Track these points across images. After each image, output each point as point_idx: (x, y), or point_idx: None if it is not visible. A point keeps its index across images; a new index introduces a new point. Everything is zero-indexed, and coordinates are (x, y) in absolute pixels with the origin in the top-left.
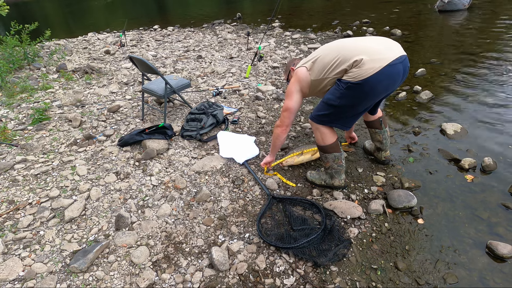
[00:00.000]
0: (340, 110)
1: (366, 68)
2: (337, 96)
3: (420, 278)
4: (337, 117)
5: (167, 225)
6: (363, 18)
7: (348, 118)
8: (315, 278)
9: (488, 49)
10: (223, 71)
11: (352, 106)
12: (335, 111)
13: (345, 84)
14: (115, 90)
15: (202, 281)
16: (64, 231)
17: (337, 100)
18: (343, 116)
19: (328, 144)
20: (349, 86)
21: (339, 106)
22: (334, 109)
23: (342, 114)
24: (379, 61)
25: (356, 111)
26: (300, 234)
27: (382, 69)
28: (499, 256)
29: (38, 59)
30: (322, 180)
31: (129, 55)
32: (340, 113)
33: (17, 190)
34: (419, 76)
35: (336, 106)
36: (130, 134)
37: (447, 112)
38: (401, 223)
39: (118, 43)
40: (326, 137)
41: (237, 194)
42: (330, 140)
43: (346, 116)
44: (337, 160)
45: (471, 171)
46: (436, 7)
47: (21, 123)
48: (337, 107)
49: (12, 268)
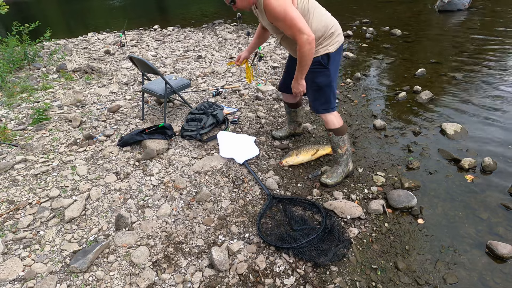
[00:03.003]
0: (333, 84)
1: (340, 38)
2: (327, 74)
3: (420, 278)
4: (334, 94)
5: (167, 225)
6: (363, 18)
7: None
8: (315, 278)
9: (488, 49)
10: (223, 71)
11: (335, 75)
12: (332, 88)
13: (326, 57)
14: (115, 90)
15: (202, 281)
16: (64, 231)
17: (330, 77)
18: (334, 90)
19: (342, 125)
20: (329, 56)
21: (332, 81)
22: (331, 88)
23: (334, 88)
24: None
25: (335, 80)
26: (300, 234)
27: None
28: (499, 256)
29: (38, 59)
30: (342, 174)
31: (129, 55)
32: (333, 87)
33: (17, 190)
34: (419, 76)
35: (330, 84)
36: (130, 134)
37: (447, 112)
38: (401, 223)
39: (118, 43)
40: (338, 119)
41: (237, 194)
42: (341, 120)
43: (335, 88)
44: (348, 141)
45: (471, 171)
46: (436, 7)
47: (21, 123)
48: (331, 83)
49: (12, 268)
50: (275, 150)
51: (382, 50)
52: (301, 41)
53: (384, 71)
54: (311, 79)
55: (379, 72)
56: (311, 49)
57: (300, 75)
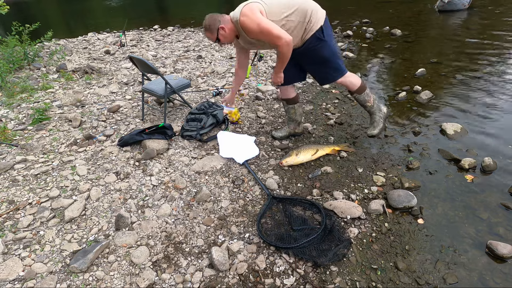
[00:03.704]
0: (335, 51)
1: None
2: (328, 45)
3: (420, 278)
4: (340, 59)
5: (167, 225)
6: (363, 18)
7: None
8: (315, 278)
9: (488, 49)
10: (223, 71)
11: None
12: (336, 55)
13: (320, 30)
14: (115, 90)
15: (202, 281)
16: (64, 231)
17: (331, 47)
18: (338, 55)
19: (361, 82)
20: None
21: (334, 49)
22: (335, 55)
23: (338, 54)
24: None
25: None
26: (300, 234)
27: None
28: (499, 256)
29: (38, 59)
30: (381, 119)
31: (129, 55)
32: (336, 53)
33: (17, 190)
34: (419, 76)
35: (333, 52)
36: (130, 134)
37: (447, 112)
38: (401, 223)
39: (118, 43)
40: (354, 77)
41: (237, 194)
42: (357, 77)
43: (338, 54)
44: (370, 91)
45: (471, 171)
46: (436, 7)
47: (21, 123)
48: (334, 51)
49: (12, 268)
50: (275, 150)
51: (382, 50)
52: (281, 45)
53: (384, 71)
54: (312, 57)
55: (379, 72)
56: (290, 49)
57: (280, 69)
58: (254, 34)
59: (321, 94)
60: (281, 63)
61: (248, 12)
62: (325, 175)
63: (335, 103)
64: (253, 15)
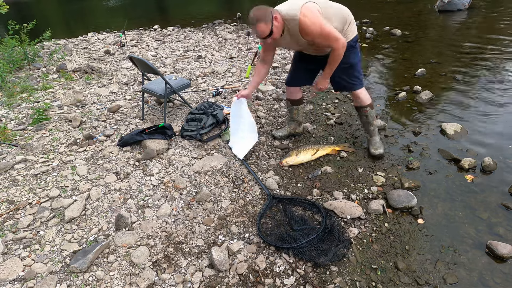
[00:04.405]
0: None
1: (353, 21)
2: (356, 52)
3: (420, 278)
4: (361, 70)
5: (167, 225)
6: (363, 18)
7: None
8: (315, 278)
9: (488, 49)
10: (223, 71)
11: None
12: (359, 64)
13: (355, 38)
14: (115, 90)
15: (202, 281)
16: (64, 231)
17: (358, 55)
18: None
19: (371, 99)
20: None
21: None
22: (359, 64)
23: (360, 64)
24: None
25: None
26: (300, 234)
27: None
28: (499, 256)
29: (38, 59)
30: (382, 142)
31: (129, 55)
32: (360, 63)
33: (17, 190)
34: (419, 76)
35: (359, 59)
36: (130, 134)
37: (447, 112)
38: (401, 223)
39: (118, 43)
40: (368, 94)
41: (237, 194)
42: (369, 95)
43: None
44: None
45: (471, 171)
46: (436, 7)
47: (21, 123)
48: (359, 59)
49: (12, 268)
50: (275, 150)
51: (382, 50)
52: (337, 47)
53: (384, 71)
54: (343, 62)
55: (379, 72)
56: (343, 51)
57: (329, 74)
58: (311, 36)
59: (321, 94)
60: (332, 65)
61: (309, 13)
62: (325, 175)
63: (335, 103)
64: (315, 18)
